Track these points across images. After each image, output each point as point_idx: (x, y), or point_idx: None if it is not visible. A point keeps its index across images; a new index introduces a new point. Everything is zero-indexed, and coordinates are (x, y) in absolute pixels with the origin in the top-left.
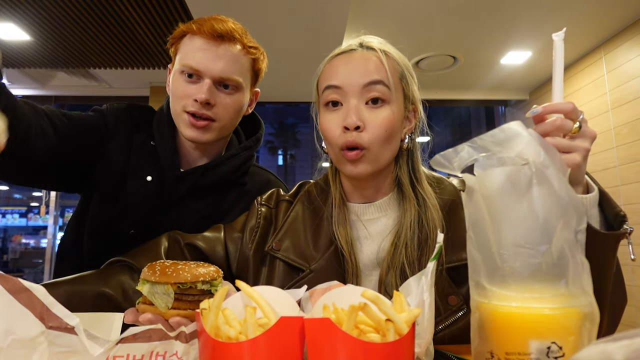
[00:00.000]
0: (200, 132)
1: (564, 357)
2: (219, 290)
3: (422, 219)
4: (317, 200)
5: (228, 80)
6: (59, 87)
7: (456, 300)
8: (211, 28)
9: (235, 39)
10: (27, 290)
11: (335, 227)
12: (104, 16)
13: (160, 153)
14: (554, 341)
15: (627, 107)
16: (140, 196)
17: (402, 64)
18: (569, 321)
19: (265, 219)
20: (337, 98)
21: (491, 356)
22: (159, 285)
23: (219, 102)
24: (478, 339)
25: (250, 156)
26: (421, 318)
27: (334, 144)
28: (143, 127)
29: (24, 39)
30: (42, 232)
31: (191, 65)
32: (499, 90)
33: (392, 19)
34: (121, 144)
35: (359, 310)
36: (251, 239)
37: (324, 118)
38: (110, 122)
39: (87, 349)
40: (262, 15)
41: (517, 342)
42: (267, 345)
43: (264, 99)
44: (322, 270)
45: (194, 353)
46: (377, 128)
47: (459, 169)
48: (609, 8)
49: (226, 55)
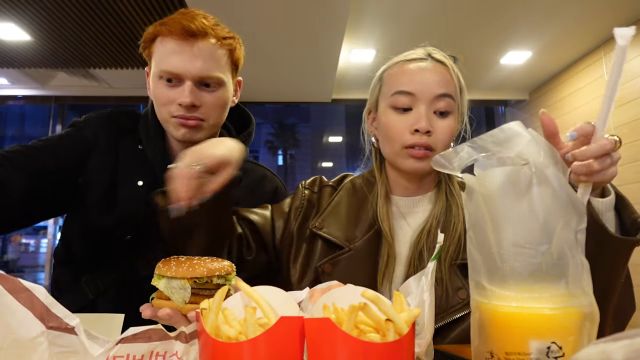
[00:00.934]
0: (193, 131)
1: (564, 357)
2: (219, 291)
3: (449, 214)
4: (362, 190)
5: (208, 78)
6: (59, 87)
7: (465, 294)
8: (181, 28)
9: (207, 34)
10: (27, 290)
11: (379, 212)
12: (104, 16)
13: (150, 156)
14: (554, 341)
15: (627, 107)
16: (133, 201)
17: (461, 80)
18: (569, 321)
19: (308, 201)
20: (408, 104)
21: (491, 356)
22: (176, 280)
23: (203, 101)
24: (478, 339)
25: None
26: (421, 318)
27: (398, 142)
28: (129, 133)
29: (24, 39)
30: (42, 232)
31: (169, 70)
32: (498, 90)
33: (391, 19)
34: (105, 153)
35: (359, 310)
36: (295, 218)
37: (393, 118)
38: (88, 135)
39: (87, 349)
40: (262, 15)
41: (517, 342)
42: (267, 345)
43: (264, 99)
44: (361, 250)
45: (194, 353)
46: (443, 135)
47: (458, 169)
48: (609, 8)
49: (202, 54)
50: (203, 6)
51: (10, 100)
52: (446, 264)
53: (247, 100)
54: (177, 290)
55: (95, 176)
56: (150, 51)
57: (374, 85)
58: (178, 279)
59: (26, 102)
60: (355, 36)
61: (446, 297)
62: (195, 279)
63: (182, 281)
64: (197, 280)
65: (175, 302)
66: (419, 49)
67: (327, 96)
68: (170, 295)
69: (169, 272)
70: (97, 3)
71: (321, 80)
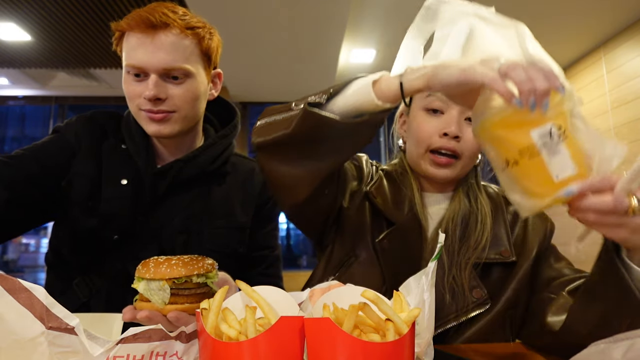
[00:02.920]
0: (161, 125)
1: (565, 132)
2: (219, 291)
3: (471, 214)
4: (400, 179)
5: (174, 70)
6: (59, 87)
7: (480, 293)
8: (141, 21)
9: (169, 25)
10: (27, 291)
11: (416, 199)
12: (104, 16)
13: (134, 154)
14: (551, 125)
15: (627, 107)
16: (118, 201)
17: None
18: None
19: (359, 170)
20: (441, 106)
21: (507, 164)
22: (154, 281)
23: (170, 94)
24: (493, 152)
25: (228, 144)
26: (421, 318)
27: (426, 144)
28: (112, 133)
29: (24, 39)
30: (42, 232)
31: (133, 64)
32: None
33: (391, 19)
34: (88, 154)
35: (359, 310)
36: (365, 183)
37: (423, 119)
38: (70, 139)
39: (87, 349)
40: (262, 15)
41: (522, 139)
42: (267, 345)
43: (264, 99)
44: (406, 225)
45: (194, 353)
46: (472, 142)
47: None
48: (608, 8)
49: (164, 46)
50: (203, 6)
51: (10, 100)
52: (462, 263)
53: (248, 100)
54: (156, 292)
55: (79, 178)
56: (121, 48)
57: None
58: (157, 281)
59: (26, 102)
60: (355, 36)
61: (462, 295)
62: (174, 279)
63: (161, 282)
64: (175, 280)
65: (155, 304)
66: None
67: None
68: (149, 297)
69: (147, 274)
70: (97, 3)
71: (321, 80)
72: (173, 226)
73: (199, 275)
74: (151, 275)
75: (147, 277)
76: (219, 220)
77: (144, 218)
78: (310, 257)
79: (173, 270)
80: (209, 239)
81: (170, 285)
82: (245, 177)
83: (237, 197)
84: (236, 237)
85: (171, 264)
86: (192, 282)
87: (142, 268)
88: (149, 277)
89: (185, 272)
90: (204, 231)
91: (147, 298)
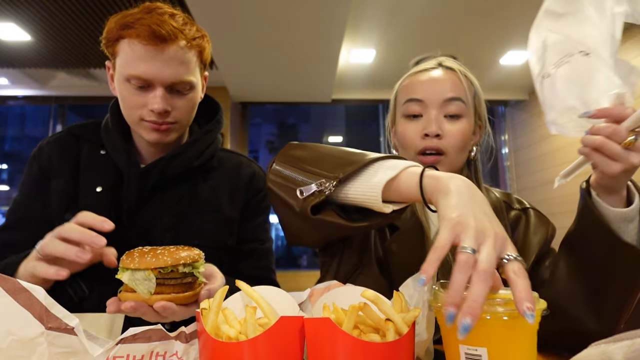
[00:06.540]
0: (164, 134)
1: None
2: (219, 291)
3: None
4: None
5: (180, 84)
6: (59, 87)
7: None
8: (151, 32)
9: (177, 37)
10: (26, 291)
11: (416, 204)
12: (104, 16)
13: (114, 157)
14: None
15: None
16: (93, 208)
17: (475, 85)
18: None
19: None
20: (418, 111)
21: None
22: (139, 271)
23: (175, 106)
24: None
25: (213, 139)
26: (421, 318)
27: (412, 148)
28: (89, 141)
29: (24, 39)
30: None
31: (138, 76)
32: (498, 90)
33: (391, 19)
34: (61, 172)
35: (359, 310)
36: None
37: (405, 126)
38: (42, 163)
39: (87, 349)
40: (262, 16)
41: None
42: (267, 345)
43: (264, 99)
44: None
45: (194, 353)
46: (454, 137)
47: None
48: None
49: (173, 60)
50: (203, 6)
51: (10, 100)
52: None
53: (248, 100)
54: (141, 282)
55: (55, 196)
56: (115, 50)
57: (392, 99)
58: (142, 270)
59: (26, 102)
60: (355, 36)
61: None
62: (160, 269)
63: (146, 272)
64: (161, 270)
65: (140, 294)
66: (431, 60)
67: (327, 96)
68: (134, 287)
69: (132, 263)
70: (97, 3)
71: (321, 80)
72: (161, 224)
73: (185, 265)
74: (136, 265)
75: (131, 267)
76: (207, 216)
77: (131, 220)
78: (310, 257)
79: (159, 259)
80: (198, 234)
81: (156, 275)
82: (232, 171)
83: (224, 191)
84: (224, 230)
85: (156, 253)
86: (178, 272)
87: (127, 258)
88: (133, 267)
89: (171, 262)
90: (192, 227)
91: (132, 288)
